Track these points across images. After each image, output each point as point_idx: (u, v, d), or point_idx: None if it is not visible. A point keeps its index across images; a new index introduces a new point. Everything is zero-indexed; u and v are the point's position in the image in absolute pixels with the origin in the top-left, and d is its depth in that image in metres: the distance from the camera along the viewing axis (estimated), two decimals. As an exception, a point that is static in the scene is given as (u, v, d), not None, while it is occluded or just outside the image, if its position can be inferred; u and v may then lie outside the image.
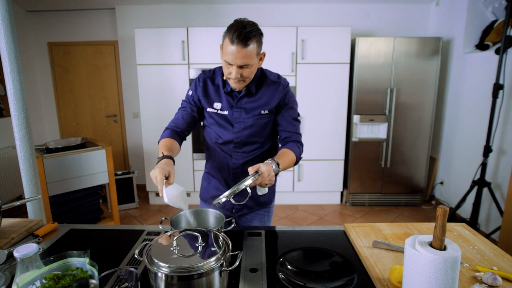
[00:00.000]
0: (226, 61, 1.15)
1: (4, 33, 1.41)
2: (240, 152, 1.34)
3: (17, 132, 1.50)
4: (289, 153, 1.24)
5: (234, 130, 1.31)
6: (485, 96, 2.84)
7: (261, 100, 1.30)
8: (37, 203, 1.58)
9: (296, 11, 3.78)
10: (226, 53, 1.14)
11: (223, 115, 1.31)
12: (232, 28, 1.11)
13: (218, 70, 1.34)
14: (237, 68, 1.15)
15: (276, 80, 1.32)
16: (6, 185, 3.39)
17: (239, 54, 1.11)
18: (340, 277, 0.94)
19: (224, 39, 1.14)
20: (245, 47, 1.10)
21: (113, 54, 4.04)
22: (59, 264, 0.81)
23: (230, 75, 1.18)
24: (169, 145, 1.22)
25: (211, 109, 1.32)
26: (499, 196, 2.73)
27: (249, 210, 1.43)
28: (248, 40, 1.10)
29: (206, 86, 1.33)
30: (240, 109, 1.30)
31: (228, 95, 1.30)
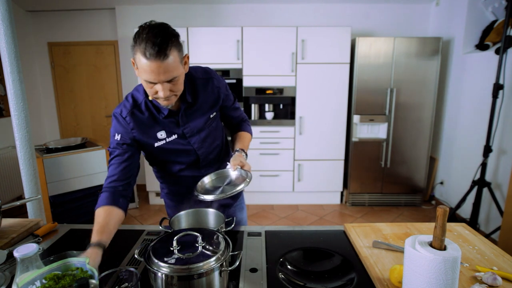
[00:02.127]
0: (147, 81, 0.94)
1: (4, 33, 1.41)
2: (207, 165, 1.26)
3: (17, 132, 1.50)
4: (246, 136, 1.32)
5: (195, 146, 1.18)
6: (485, 96, 2.84)
7: (204, 104, 1.16)
8: (37, 203, 1.58)
9: (296, 11, 3.78)
10: (143, 71, 0.92)
11: (173, 141, 1.14)
12: (142, 39, 0.89)
13: (139, 95, 1.11)
14: (163, 85, 0.94)
15: (205, 76, 1.17)
16: (6, 185, 3.39)
17: (160, 70, 0.90)
18: (340, 277, 0.94)
19: (135, 53, 0.92)
20: (164, 60, 0.90)
21: (113, 54, 4.04)
22: (59, 264, 0.81)
23: (157, 95, 0.97)
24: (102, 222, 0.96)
25: (158, 142, 1.12)
26: (499, 196, 2.73)
27: (228, 208, 1.40)
28: (166, 50, 0.89)
29: (138, 120, 1.09)
30: (189, 125, 1.14)
31: (167, 118, 1.11)
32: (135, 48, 0.93)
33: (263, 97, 3.45)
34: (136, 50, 0.92)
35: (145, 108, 1.10)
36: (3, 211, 1.14)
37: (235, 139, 1.31)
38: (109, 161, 1.12)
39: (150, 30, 0.91)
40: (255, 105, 3.50)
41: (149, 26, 0.92)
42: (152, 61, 0.89)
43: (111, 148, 1.13)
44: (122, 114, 1.10)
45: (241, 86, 3.43)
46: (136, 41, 0.92)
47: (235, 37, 3.32)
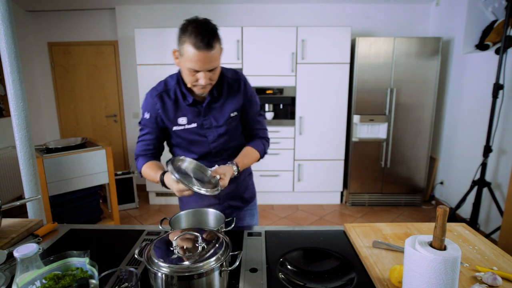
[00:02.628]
0: (190, 69, 1.05)
1: (4, 33, 1.41)
2: (219, 160, 1.28)
3: (17, 132, 1.50)
4: (252, 153, 1.27)
5: (209, 140, 1.23)
6: (485, 96, 2.84)
7: (227, 102, 1.23)
8: (37, 203, 1.58)
9: (296, 11, 3.79)
10: (188, 60, 1.03)
11: (191, 129, 1.21)
12: (191, 32, 1.00)
13: (171, 81, 1.22)
14: (205, 73, 1.06)
15: (234, 76, 1.25)
16: (6, 185, 3.39)
17: (206, 59, 1.02)
18: (340, 277, 0.94)
19: (183, 44, 1.03)
20: (210, 51, 1.02)
21: (113, 54, 4.04)
22: (59, 264, 0.81)
23: (197, 82, 1.08)
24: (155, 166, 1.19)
25: (177, 126, 1.21)
26: (499, 196, 2.73)
27: (239, 210, 1.41)
28: (213, 43, 1.02)
29: (164, 102, 1.19)
30: (209, 117, 1.21)
31: (191, 106, 1.20)
32: (182, 39, 1.03)
33: (263, 97, 3.45)
34: (184, 41, 1.02)
35: (173, 94, 1.20)
36: (3, 211, 1.14)
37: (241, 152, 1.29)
38: (139, 135, 1.27)
39: (199, 24, 1.02)
40: (255, 105, 3.49)
41: (196, 21, 1.03)
42: (201, 51, 1.00)
43: (141, 124, 1.26)
44: (151, 95, 1.21)
45: (241, 86, 3.42)
46: (185, 33, 1.02)
47: (235, 37, 3.32)
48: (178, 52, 1.08)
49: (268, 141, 1.36)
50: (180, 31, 1.04)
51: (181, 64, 1.08)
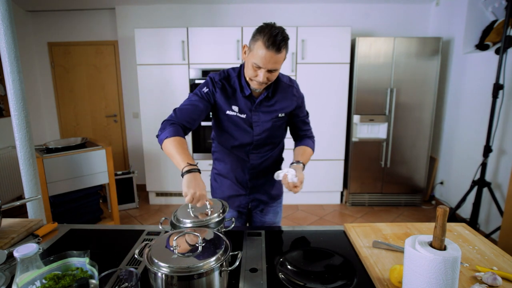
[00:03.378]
0: (254, 64, 1.16)
1: (4, 33, 1.41)
2: (256, 153, 1.38)
3: (17, 132, 1.50)
4: (308, 151, 1.41)
5: (254, 133, 1.33)
6: (485, 96, 2.84)
7: (278, 104, 1.34)
8: (37, 203, 1.58)
9: (296, 11, 3.78)
10: (256, 56, 1.14)
11: (241, 118, 1.31)
12: (266, 32, 1.12)
13: (233, 72, 1.33)
14: (265, 72, 1.16)
15: (289, 83, 1.37)
16: (6, 185, 3.39)
17: (272, 59, 1.13)
18: (340, 277, 0.94)
19: (255, 42, 1.14)
20: (277, 53, 1.13)
21: (113, 54, 4.04)
22: (59, 264, 0.81)
23: (256, 78, 1.19)
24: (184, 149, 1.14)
25: (230, 111, 1.31)
26: (499, 196, 2.73)
27: (264, 205, 1.49)
28: (281, 48, 1.13)
29: (225, 87, 1.31)
30: (258, 113, 1.32)
31: (246, 98, 1.30)
32: (256, 37, 1.14)
33: (263, 97, 3.45)
34: (257, 39, 1.14)
35: (232, 83, 1.32)
36: (3, 211, 1.14)
37: (297, 151, 1.41)
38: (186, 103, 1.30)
39: (274, 28, 1.13)
40: (255, 105, 3.49)
41: (272, 25, 1.15)
42: (269, 51, 1.11)
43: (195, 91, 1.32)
44: (215, 78, 1.32)
45: (241, 86, 3.43)
46: (260, 33, 1.13)
47: (235, 37, 3.32)
48: (248, 48, 1.21)
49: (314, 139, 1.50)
50: (256, 30, 1.16)
51: (248, 58, 1.20)
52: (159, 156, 3.59)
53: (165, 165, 3.61)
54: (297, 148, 1.43)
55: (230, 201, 1.44)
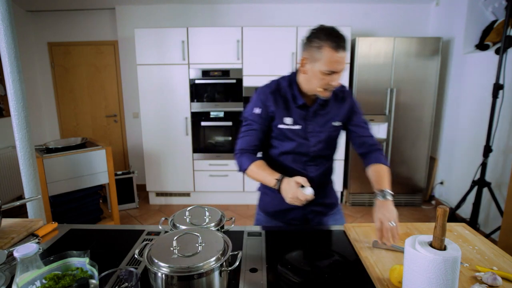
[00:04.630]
0: (326, 71, 1.11)
1: (4, 33, 1.41)
2: (312, 165, 1.31)
3: (17, 132, 1.50)
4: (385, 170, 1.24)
5: (310, 144, 1.27)
6: (485, 96, 2.84)
7: (332, 111, 1.29)
8: (37, 203, 1.58)
9: (296, 11, 3.78)
10: (326, 63, 1.10)
11: (295, 130, 1.26)
12: (327, 36, 1.09)
13: (283, 82, 1.28)
14: (338, 75, 1.13)
15: (340, 88, 1.31)
16: (6, 185, 3.39)
17: (342, 60, 1.11)
18: (340, 277, 0.94)
19: (320, 49, 1.10)
20: (345, 52, 1.11)
21: (113, 54, 4.04)
22: (59, 264, 0.81)
23: (328, 85, 1.15)
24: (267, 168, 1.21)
25: (282, 125, 1.26)
26: (499, 196, 2.73)
27: (322, 215, 1.40)
28: (346, 46, 1.11)
29: (276, 100, 1.25)
30: (314, 122, 1.27)
31: (299, 108, 1.25)
32: (316, 44, 1.11)
33: (263, 97, 3.45)
34: (321, 46, 1.10)
35: (284, 93, 1.27)
36: (3, 211, 1.13)
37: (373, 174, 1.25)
38: (243, 131, 1.30)
39: (330, 29, 1.11)
40: (255, 105, 3.49)
41: (326, 28, 1.12)
42: (340, 52, 1.09)
43: (249, 119, 1.28)
44: (264, 93, 1.27)
45: (241, 86, 3.43)
46: (320, 39, 1.10)
47: (235, 37, 3.32)
48: (308, 59, 1.15)
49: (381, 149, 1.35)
50: (312, 38, 1.13)
51: (314, 69, 1.14)
52: (159, 156, 3.59)
53: (165, 165, 3.61)
54: (372, 170, 1.26)
55: (281, 215, 1.37)
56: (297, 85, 1.25)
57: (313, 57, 1.13)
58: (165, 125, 3.52)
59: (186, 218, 1.08)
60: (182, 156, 3.58)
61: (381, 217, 1.06)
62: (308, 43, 1.15)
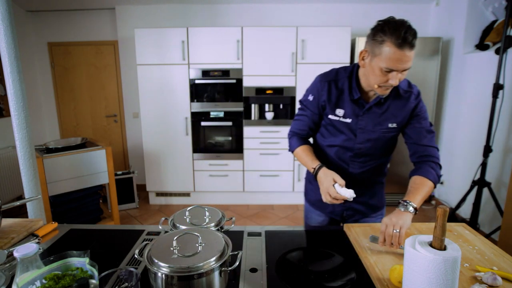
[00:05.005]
0: (385, 68, 1.03)
1: (4, 33, 1.41)
2: (357, 162, 1.28)
3: (17, 132, 1.50)
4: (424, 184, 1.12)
5: (357, 140, 1.23)
6: (485, 96, 2.84)
7: (390, 111, 1.20)
8: (37, 203, 1.58)
9: (296, 11, 3.78)
10: (386, 60, 1.02)
11: (345, 123, 1.22)
12: (393, 31, 0.99)
13: (343, 73, 1.23)
14: (398, 74, 1.04)
15: (407, 89, 1.22)
16: (6, 185, 3.39)
17: (406, 58, 1.01)
18: (340, 277, 0.94)
19: (381, 44, 1.02)
20: (412, 49, 1.01)
21: (113, 54, 4.04)
22: (59, 264, 0.81)
23: (386, 83, 1.07)
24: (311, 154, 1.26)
25: (333, 116, 1.23)
26: (499, 196, 2.73)
27: (361, 215, 1.38)
28: (414, 42, 1.00)
29: (330, 90, 1.22)
30: (366, 119, 1.21)
31: (353, 102, 1.20)
32: (379, 39, 1.02)
33: (263, 97, 3.45)
34: (383, 41, 1.01)
35: (341, 85, 1.22)
36: (3, 211, 1.13)
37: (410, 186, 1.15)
38: (298, 114, 1.35)
39: (399, 23, 1.01)
40: (255, 105, 3.50)
41: (395, 21, 1.02)
42: (403, 50, 0.99)
43: (302, 104, 1.32)
44: (321, 80, 1.25)
45: (241, 86, 3.43)
46: (385, 32, 1.01)
47: (235, 37, 3.32)
48: (369, 52, 1.09)
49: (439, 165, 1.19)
50: (376, 31, 1.04)
51: (372, 64, 1.08)
52: (159, 156, 3.59)
53: (165, 165, 3.61)
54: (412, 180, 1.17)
55: (323, 206, 1.38)
56: (357, 78, 1.20)
57: (373, 51, 1.06)
58: (165, 125, 3.53)
59: (186, 218, 1.08)
60: (182, 156, 3.58)
61: (387, 221, 1.03)
62: (371, 36, 1.06)
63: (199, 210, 1.13)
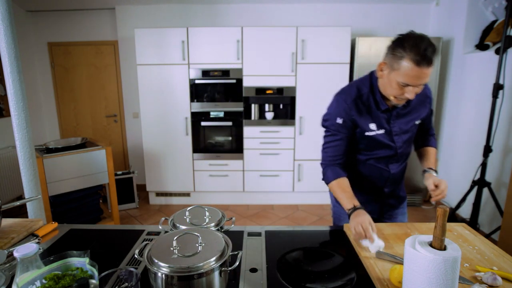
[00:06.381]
0: (402, 83, 1.07)
1: (4, 33, 1.41)
2: (395, 163, 1.34)
3: (17, 132, 1.50)
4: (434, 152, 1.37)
5: (397, 146, 1.29)
6: (485, 96, 2.84)
7: (414, 110, 1.28)
8: (37, 203, 1.58)
9: (296, 11, 3.78)
10: (403, 75, 1.05)
11: (381, 134, 1.26)
12: (412, 46, 1.01)
13: (364, 88, 1.25)
14: (415, 88, 1.08)
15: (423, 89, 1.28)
16: (6, 185, 3.39)
17: (423, 75, 1.03)
18: (340, 277, 0.94)
19: (400, 59, 1.04)
20: (430, 67, 1.02)
21: (113, 54, 4.04)
22: (59, 264, 0.81)
23: (402, 96, 1.11)
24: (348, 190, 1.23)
25: (369, 132, 1.25)
26: (499, 196, 2.73)
27: (393, 208, 1.47)
28: (433, 60, 1.02)
29: (359, 108, 1.23)
30: (398, 124, 1.26)
31: (382, 113, 1.24)
32: (398, 54, 1.04)
33: (263, 97, 3.45)
34: (402, 57, 1.03)
35: (366, 100, 1.23)
36: (3, 211, 1.13)
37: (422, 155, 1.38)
38: (327, 141, 1.30)
39: (418, 39, 1.02)
40: (255, 105, 3.50)
41: (415, 36, 1.03)
42: (422, 67, 1.01)
43: (331, 129, 1.27)
44: (346, 101, 1.23)
45: (241, 86, 3.43)
46: (404, 47, 1.03)
47: (235, 37, 3.32)
48: (387, 65, 1.11)
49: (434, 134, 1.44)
50: (396, 45, 1.06)
51: (390, 77, 1.11)
52: (159, 156, 3.59)
53: (165, 165, 3.61)
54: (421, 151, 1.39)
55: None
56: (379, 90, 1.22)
57: (392, 65, 1.09)
58: (165, 125, 3.52)
59: (186, 218, 1.08)
60: (182, 156, 3.58)
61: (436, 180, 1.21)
62: (390, 49, 1.09)
63: (199, 210, 1.13)
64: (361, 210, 1.14)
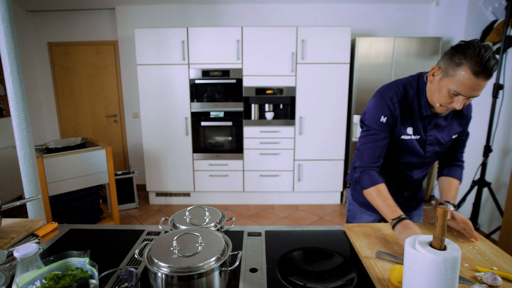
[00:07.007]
0: (453, 91, 1.01)
1: (4, 33, 1.41)
2: (419, 169, 1.32)
3: (17, 132, 1.50)
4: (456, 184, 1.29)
5: (426, 155, 1.25)
6: (485, 96, 2.84)
7: (453, 123, 1.23)
8: (37, 203, 1.58)
9: (296, 11, 3.78)
10: (457, 83, 0.99)
11: (415, 140, 1.21)
12: (474, 56, 0.95)
13: (410, 90, 1.18)
14: (465, 99, 1.03)
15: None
16: (6, 185, 3.39)
17: (479, 87, 0.98)
18: (340, 277, 0.94)
19: (458, 66, 0.98)
20: (487, 80, 0.97)
21: (113, 54, 4.04)
22: (59, 264, 0.81)
23: (450, 105, 1.06)
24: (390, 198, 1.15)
25: (405, 136, 1.20)
26: (499, 196, 2.73)
27: (412, 209, 1.45)
28: (492, 73, 0.96)
29: (403, 109, 1.18)
30: (434, 133, 1.22)
31: (421, 118, 1.19)
32: (457, 60, 0.98)
33: (263, 97, 3.45)
34: (461, 64, 0.97)
35: (410, 102, 1.18)
36: (3, 211, 1.13)
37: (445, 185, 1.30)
38: (366, 141, 1.22)
39: (482, 49, 0.95)
40: (255, 105, 3.50)
41: (479, 45, 0.96)
42: (480, 78, 0.95)
43: (374, 128, 1.20)
44: (393, 100, 1.17)
45: (241, 86, 3.43)
46: (465, 55, 0.96)
47: (235, 37, 3.32)
48: (442, 71, 1.05)
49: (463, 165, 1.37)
50: (456, 51, 1.00)
51: (441, 83, 1.05)
52: (159, 156, 3.59)
53: (165, 165, 3.61)
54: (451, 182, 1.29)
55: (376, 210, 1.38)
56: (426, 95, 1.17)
57: (446, 71, 1.02)
58: (165, 125, 3.53)
59: (186, 218, 1.08)
60: (182, 156, 3.58)
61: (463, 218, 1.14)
62: (449, 54, 1.03)
63: (199, 210, 1.13)
64: (408, 220, 1.06)
